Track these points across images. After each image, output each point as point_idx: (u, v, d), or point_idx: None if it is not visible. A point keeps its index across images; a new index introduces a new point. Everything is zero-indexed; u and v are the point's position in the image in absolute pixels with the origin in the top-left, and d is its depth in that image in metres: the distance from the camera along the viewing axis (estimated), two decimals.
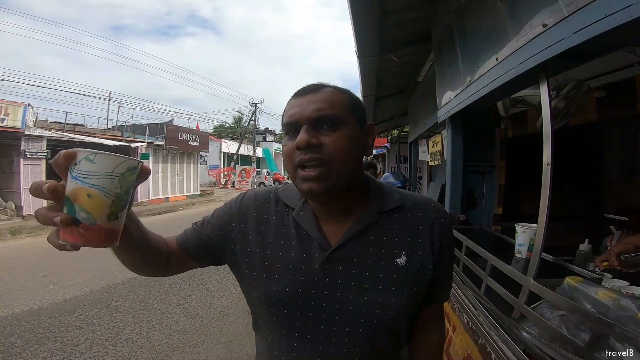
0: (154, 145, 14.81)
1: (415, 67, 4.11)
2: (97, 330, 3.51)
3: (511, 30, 1.40)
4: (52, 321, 3.68)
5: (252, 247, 0.78)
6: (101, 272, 5.40)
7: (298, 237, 0.76)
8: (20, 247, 7.22)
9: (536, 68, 1.23)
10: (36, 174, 10.18)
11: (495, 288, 1.48)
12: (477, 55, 1.81)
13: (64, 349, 3.13)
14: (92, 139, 12.14)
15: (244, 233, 0.80)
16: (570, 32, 1.01)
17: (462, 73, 2.04)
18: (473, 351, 1.52)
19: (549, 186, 1.17)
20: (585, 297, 1.01)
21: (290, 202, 0.80)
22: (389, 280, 0.72)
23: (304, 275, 0.73)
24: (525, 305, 1.24)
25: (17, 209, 9.86)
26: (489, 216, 2.57)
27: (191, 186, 17.88)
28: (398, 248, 0.74)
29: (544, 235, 1.22)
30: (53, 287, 4.76)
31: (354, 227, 0.74)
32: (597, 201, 3.71)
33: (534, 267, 1.22)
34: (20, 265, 5.84)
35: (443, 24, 2.41)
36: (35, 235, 8.41)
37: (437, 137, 3.79)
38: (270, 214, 0.80)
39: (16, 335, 3.33)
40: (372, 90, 4.38)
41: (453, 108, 2.22)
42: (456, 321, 1.84)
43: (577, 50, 1.01)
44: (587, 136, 3.76)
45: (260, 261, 0.76)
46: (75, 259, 6.16)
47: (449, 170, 2.43)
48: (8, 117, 9.14)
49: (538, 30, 1.18)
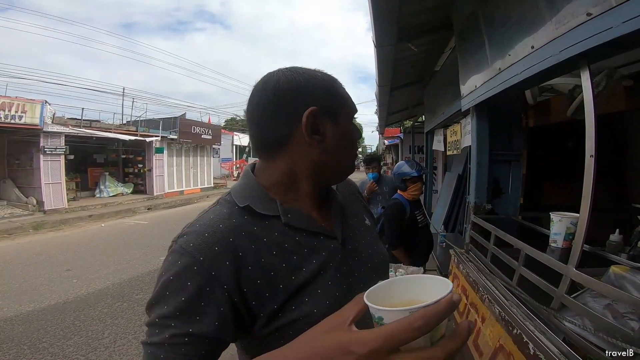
0: (167, 139, 14.95)
1: (433, 56, 4.05)
2: (120, 323, 3.60)
3: (550, 17, 1.36)
4: (77, 315, 3.78)
5: (270, 282, 0.62)
6: (122, 266, 5.53)
7: (301, 242, 0.67)
8: (43, 241, 7.36)
9: (578, 56, 1.21)
10: (56, 170, 10.38)
11: (531, 278, 1.47)
12: (507, 42, 1.77)
13: (89, 342, 3.21)
14: (108, 134, 12.31)
15: (245, 278, 0.60)
16: (619, 22, 0.99)
17: (489, 61, 1.99)
18: (507, 342, 1.50)
19: (593, 178, 1.16)
20: (633, 285, 0.99)
21: (267, 209, 0.67)
22: (375, 240, 0.82)
23: (334, 277, 0.67)
24: (566, 295, 1.24)
25: (39, 204, 10.08)
26: (515, 206, 2.53)
27: (205, 179, 18.04)
28: (358, 212, 0.84)
29: (588, 224, 1.20)
30: (76, 280, 4.88)
31: (337, 207, 0.76)
32: (625, 192, 3.62)
33: (575, 256, 1.20)
34: (44, 259, 5.98)
35: (466, 11, 2.36)
36: (57, 230, 8.63)
37: (456, 126, 3.74)
38: (253, 236, 0.64)
39: (43, 330, 3.43)
40: (388, 80, 4.33)
41: (480, 96, 2.18)
42: (485, 312, 1.83)
43: (623, 39, 1.00)
44: (615, 125, 3.67)
45: (290, 289, 0.63)
46: (96, 253, 6.34)
47: (474, 160, 2.40)
48: (26, 114, 9.30)
49: (582, 18, 1.16)
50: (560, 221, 1.59)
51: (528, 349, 1.27)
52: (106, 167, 14.35)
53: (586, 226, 1.21)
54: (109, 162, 14.74)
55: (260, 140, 0.70)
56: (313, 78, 0.68)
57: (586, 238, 1.40)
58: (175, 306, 0.56)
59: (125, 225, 9.48)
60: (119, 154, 14.77)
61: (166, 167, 14.92)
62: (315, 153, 0.67)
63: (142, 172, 14.49)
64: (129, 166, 14.87)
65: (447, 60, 3.74)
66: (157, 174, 14.37)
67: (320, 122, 0.66)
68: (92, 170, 13.77)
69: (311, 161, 0.68)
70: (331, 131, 0.68)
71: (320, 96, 0.67)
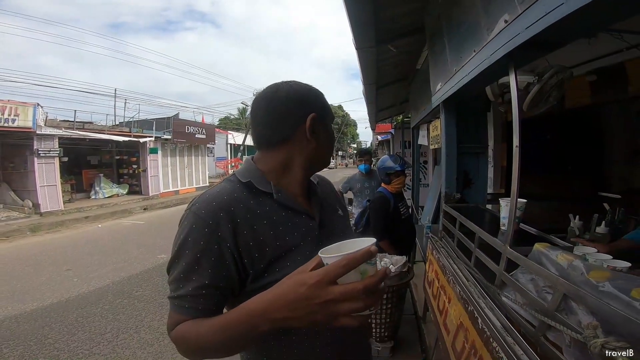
0: (161, 139, 15.02)
1: (414, 56, 4.18)
2: (121, 319, 3.71)
3: (484, 24, 1.53)
4: (80, 312, 3.90)
5: (260, 244, 0.78)
6: (120, 264, 5.65)
7: (287, 217, 0.85)
8: (41, 243, 7.47)
9: (505, 59, 1.37)
10: (50, 172, 10.49)
11: (482, 258, 1.63)
12: (460, 46, 1.93)
13: (92, 338, 3.33)
14: (102, 136, 12.38)
15: (242, 238, 0.77)
16: (523, 27, 1.17)
17: (449, 62, 2.15)
18: (464, 319, 1.61)
19: (518, 165, 1.34)
20: (549, 260, 1.15)
21: (263, 187, 0.84)
22: (348, 230, 1.03)
23: (311, 249, 0.80)
24: (504, 272, 1.37)
25: (35, 207, 10.17)
26: (483, 195, 2.70)
27: (200, 178, 18.13)
28: (333, 205, 1.02)
29: (516, 205, 1.38)
30: (77, 280, 5.00)
31: (316, 195, 0.95)
32: (599, 183, 3.80)
33: (508, 234, 1.37)
34: (43, 260, 6.08)
35: (434, 15, 2.51)
36: (55, 231, 8.74)
37: (437, 121, 3.89)
38: (249, 207, 0.80)
39: (48, 327, 3.53)
40: (373, 79, 4.47)
41: (443, 94, 2.35)
42: (451, 293, 1.96)
43: (536, 41, 1.15)
44: (585, 119, 3.85)
45: (275, 252, 0.79)
46: (95, 253, 6.44)
47: (443, 152, 2.56)
48: (19, 117, 9.36)
49: (502, 25, 1.33)
50: (507, 205, 1.74)
51: (478, 324, 1.37)
52: (101, 169, 14.42)
53: (515, 206, 1.38)
54: (103, 163, 14.81)
55: (265, 137, 0.88)
56: (311, 91, 0.90)
57: (560, 226, 1.55)
58: (192, 261, 0.74)
59: (122, 226, 9.59)
60: (113, 155, 14.81)
61: (161, 167, 15.00)
62: (310, 148, 0.87)
63: (136, 173, 14.58)
64: (124, 167, 14.95)
65: (426, 59, 3.88)
66: (151, 174, 14.46)
67: (316, 125, 0.87)
68: (87, 172, 13.86)
69: (307, 154, 0.88)
70: (323, 132, 0.90)
71: (317, 105, 0.89)
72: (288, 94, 0.86)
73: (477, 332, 1.37)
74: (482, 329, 1.31)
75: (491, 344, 1.18)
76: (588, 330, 0.83)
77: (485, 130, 2.81)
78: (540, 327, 1.08)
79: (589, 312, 0.92)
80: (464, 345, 1.52)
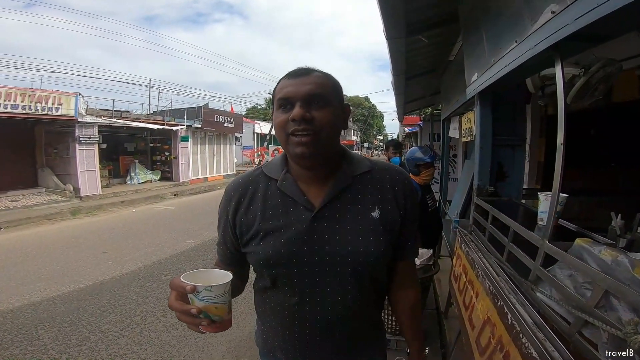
0: (192, 128, 15.41)
1: (446, 47, 4.08)
2: (150, 302, 3.85)
3: (527, 15, 1.47)
4: (112, 295, 4.05)
5: (248, 222, 0.91)
6: (152, 249, 5.84)
7: (284, 204, 0.90)
8: (80, 226, 7.81)
9: (550, 50, 1.32)
10: (90, 158, 11.00)
11: (516, 253, 1.58)
12: (499, 37, 1.88)
13: (122, 320, 3.45)
14: (138, 124, 12.86)
15: (238, 215, 0.93)
16: (572, 19, 1.11)
17: (487, 53, 2.09)
18: (492, 314, 1.57)
19: (562, 163, 1.29)
20: (591, 256, 1.11)
21: (272, 174, 0.94)
22: (367, 231, 0.88)
23: (295, 236, 0.86)
24: (540, 267, 1.33)
25: (75, 191, 10.71)
26: (518, 189, 2.62)
27: (227, 166, 18.53)
28: (372, 203, 0.90)
29: (558, 199, 1.33)
30: (111, 263, 5.19)
31: (333, 189, 0.89)
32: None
33: (548, 229, 1.33)
34: (82, 242, 6.36)
35: (469, 5, 2.44)
36: (93, 215, 9.16)
37: (470, 113, 3.80)
38: (256, 190, 0.93)
39: (82, 309, 3.67)
40: (402, 70, 4.40)
41: (480, 86, 2.28)
42: (479, 288, 1.93)
43: (584, 33, 1.10)
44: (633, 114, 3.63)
45: (256, 231, 0.90)
46: (129, 236, 6.71)
47: (477, 144, 2.50)
48: (62, 106, 9.82)
49: (548, 16, 1.27)
50: (546, 199, 1.66)
51: (507, 319, 1.35)
52: (136, 155, 14.94)
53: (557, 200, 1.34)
54: (139, 150, 15.32)
55: None
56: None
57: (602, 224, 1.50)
58: (219, 222, 0.99)
59: (154, 211, 9.95)
60: (147, 143, 15.30)
61: (191, 155, 15.41)
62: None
63: (168, 160, 15.03)
64: (157, 154, 15.44)
65: (460, 50, 3.78)
66: (182, 162, 14.88)
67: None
68: (124, 159, 14.37)
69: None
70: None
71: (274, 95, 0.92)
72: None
73: (506, 328, 1.35)
74: (512, 324, 1.30)
75: (520, 340, 1.17)
76: (629, 326, 0.81)
77: (524, 123, 2.71)
78: (576, 324, 1.05)
79: (631, 308, 0.89)
80: (490, 340, 1.51)
